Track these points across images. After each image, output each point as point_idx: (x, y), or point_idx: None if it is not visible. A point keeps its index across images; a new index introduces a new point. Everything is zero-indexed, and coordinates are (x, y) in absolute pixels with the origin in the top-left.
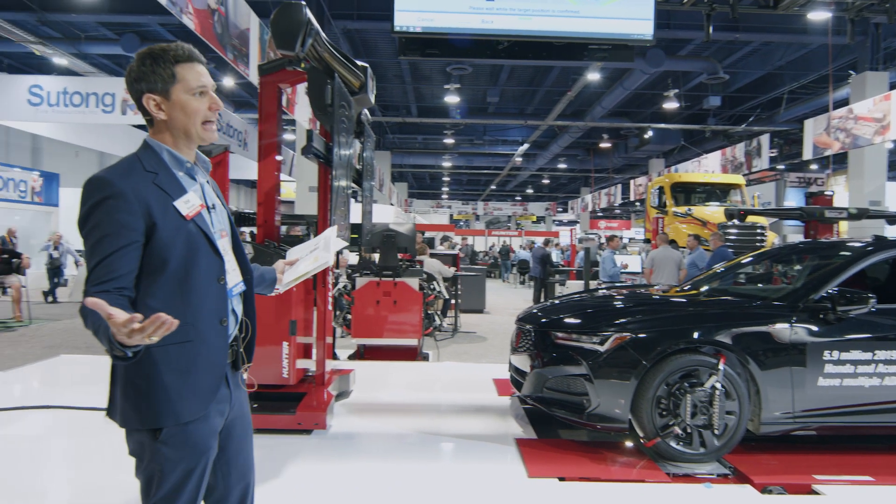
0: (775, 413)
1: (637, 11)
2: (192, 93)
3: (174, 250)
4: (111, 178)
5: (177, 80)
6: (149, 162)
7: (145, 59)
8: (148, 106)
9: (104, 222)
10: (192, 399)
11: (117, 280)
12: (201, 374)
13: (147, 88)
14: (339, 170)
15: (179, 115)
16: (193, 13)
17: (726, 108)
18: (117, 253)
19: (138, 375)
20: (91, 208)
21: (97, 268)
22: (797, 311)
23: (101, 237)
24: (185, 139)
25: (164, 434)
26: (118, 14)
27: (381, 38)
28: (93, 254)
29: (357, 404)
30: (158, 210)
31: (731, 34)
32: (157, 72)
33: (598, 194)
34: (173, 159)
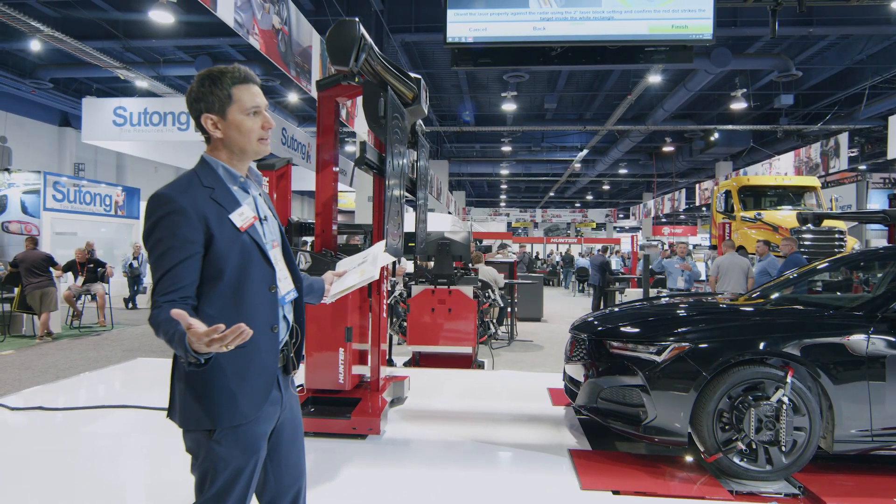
0: (851, 431)
1: (696, 10)
2: (246, 113)
3: (229, 261)
4: (172, 194)
5: (233, 100)
6: (206, 177)
7: (204, 80)
8: (206, 125)
9: (167, 237)
10: (245, 402)
11: (182, 290)
12: (254, 379)
13: (205, 108)
14: (393, 180)
15: (235, 134)
16: (259, 34)
17: (800, 107)
18: (181, 265)
19: (196, 379)
20: (155, 223)
21: (163, 279)
22: (875, 321)
23: (165, 250)
24: (240, 155)
25: (217, 433)
26: (193, 38)
27: (437, 50)
28: (158, 266)
29: (411, 411)
30: (215, 223)
31: (804, 29)
32: (214, 93)
33: (661, 199)
34: (228, 174)
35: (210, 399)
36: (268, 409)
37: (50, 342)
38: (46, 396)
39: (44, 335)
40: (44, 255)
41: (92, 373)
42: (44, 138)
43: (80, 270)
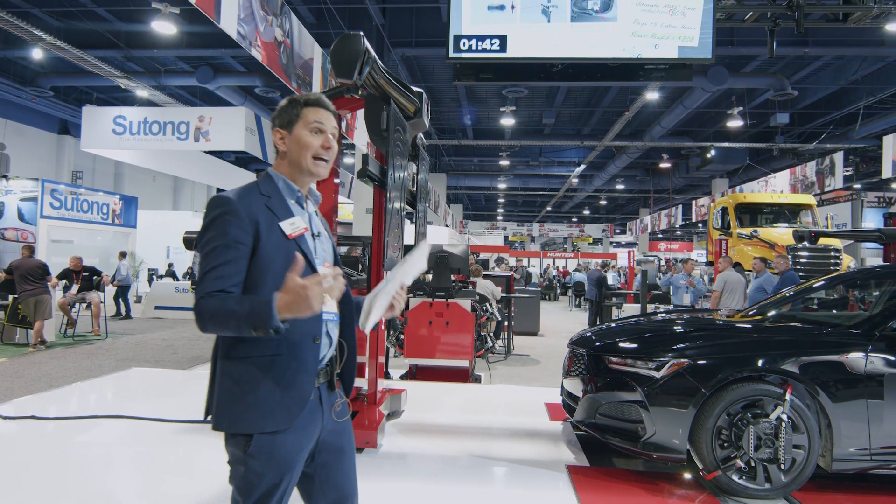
0: (850, 449)
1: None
2: (309, 128)
3: (274, 265)
4: (230, 197)
5: (300, 117)
6: (265, 187)
7: (286, 101)
8: (275, 138)
9: (218, 235)
10: (278, 410)
11: (228, 286)
12: (292, 388)
13: (277, 123)
14: (394, 192)
15: (294, 147)
16: (261, 46)
17: (795, 126)
18: (228, 263)
19: (233, 382)
20: (209, 222)
21: (209, 273)
22: (873, 339)
23: (214, 247)
24: (298, 171)
25: (252, 447)
26: (194, 48)
27: (437, 64)
28: (206, 261)
29: (408, 424)
30: (265, 228)
31: (800, 49)
32: (287, 110)
33: (658, 215)
34: (287, 187)
35: (243, 403)
36: (304, 423)
37: (43, 350)
38: (39, 405)
39: (37, 343)
40: (39, 262)
41: (85, 382)
42: (42, 146)
43: (75, 278)
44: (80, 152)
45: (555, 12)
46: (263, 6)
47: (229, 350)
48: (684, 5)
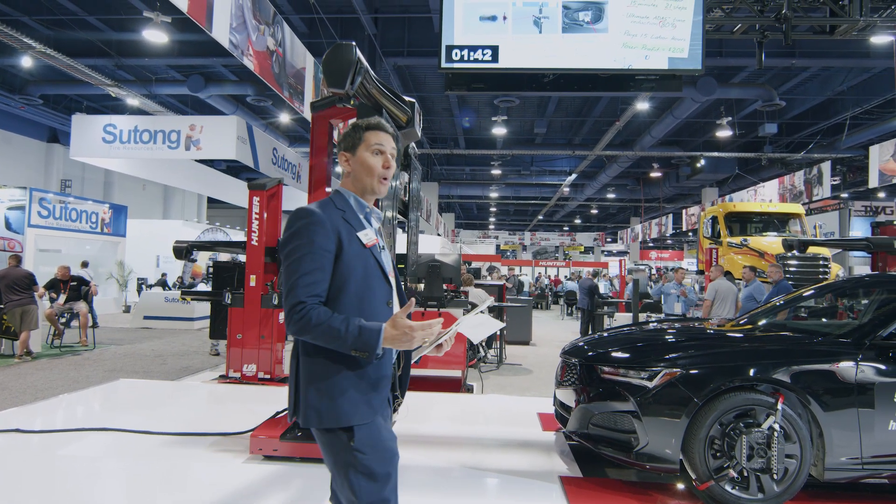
0: (841, 458)
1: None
2: (370, 150)
3: (355, 272)
4: (312, 208)
5: (362, 140)
6: (339, 203)
7: (350, 126)
8: (340, 160)
9: (306, 243)
10: (369, 402)
11: (318, 294)
12: (377, 384)
13: (343, 147)
14: (386, 201)
15: (359, 169)
16: (254, 55)
17: (783, 136)
18: (317, 270)
19: (324, 378)
20: (295, 231)
21: (300, 281)
22: (864, 348)
23: (303, 255)
24: (363, 189)
25: (356, 440)
26: (186, 57)
27: (429, 73)
28: (295, 269)
29: (400, 435)
30: (346, 237)
31: (787, 60)
32: (352, 135)
33: (649, 224)
34: (357, 203)
35: (343, 396)
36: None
37: (29, 362)
38: (24, 418)
39: (23, 354)
40: (25, 272)
41: (72, 394)
42: (31, 154)
43: (63, 288)
44: (70, 161)
45: (546, 23)
46: (256, 15)
47: (321, 349)
48: (674, 17)
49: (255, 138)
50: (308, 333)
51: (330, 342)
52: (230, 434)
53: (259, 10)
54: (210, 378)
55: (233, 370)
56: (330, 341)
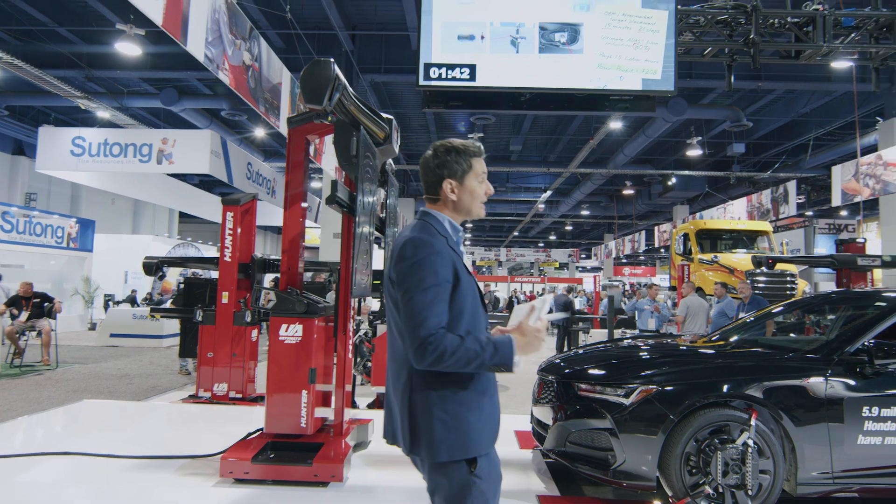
0: (813, 473)
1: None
2: (479, 180)
3: (467, 301)
4: (429, 239)
5: (471, 169)
6: (439, 228)
7: (450, 151)
8: (445, 188)
9: (430, 275)
10: (491, 431)
11: (446, 320)
12: (495, 410)
13: (448, 174)
14: (363, 218)
15: (467, 197)
16: (229, 69)
17: (751, 155)
18: (443, 302)
19: (452, 412)
20: (419, 261)
21: (431, 309)
22: (832, 364)
23: (430, 286)
24: (464, 214)
25: (478, 469)
26: (159, 70)
27: (406, 90)
28: (422, 301)
29: (375, 456)
30: (459, 266)
31: (754, 83)
32: (458, 162)
33: (622, 241)
34: (452, 228)
35: (472, 428)
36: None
37: None
38: None
39: None
40: None
41: (32, 416)
42: None
43: (25, 305)
44: (36, 174)
45: (523, 43)
46: (232, 30)
47: (443, 382)
48: (647, 40)
49: (229, 153)
50: (444, 363)
51: (467, 365)
52: (200, 456)
53: (235, 25)
54: (179, 398)
55: (203, 390)
56: (467, 364)
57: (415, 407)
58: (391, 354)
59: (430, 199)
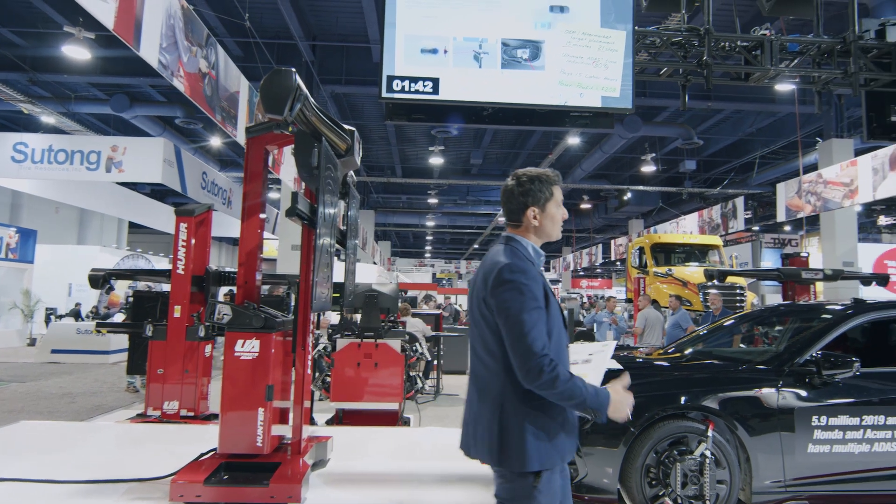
0: (766, 482)
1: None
2: (557, 206)
3: (556, 322)
4: (524, 265)
5: (553, 197)
6: (526, 254)
7: (533, 180)
8: (528, 216)
9: (531, 299)
10: (567, 448)
11: (547, 342)
12: (573, 430)
13: (532, 202)
14: (323, 230)
15: (548, 223)
16: (185, 76)
17: (702, 172)
18: (542, 323)
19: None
20: (518, 286)
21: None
22: (783, 375)
23: (532, 309)
24: (545, 239)
25: (541, 482)
26: (109, 75)
27: (367, 102)
28: (526, 322)
29: (334, 474)
30: (548, 289)
31: (704, 102)
32: (542, 190)
33: (580, 254)
34: (535, 253)
35: (551, 442)
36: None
37: None
38: None
39: None
40: None
41: None
42: None
43: None
44: None
45: (486, 58)
46: (188, 37)
47: (534, 397)
48: (607, 59)
49: (183, 161)
50: (554, 388)
51: (570, 399)
52: (148, 480)
53: (191, 32)
54: (126, 417)
55: (152, 408)
56: (570, 398)
57: (507, 421)
58: (473, 373)
59: (511, 225)
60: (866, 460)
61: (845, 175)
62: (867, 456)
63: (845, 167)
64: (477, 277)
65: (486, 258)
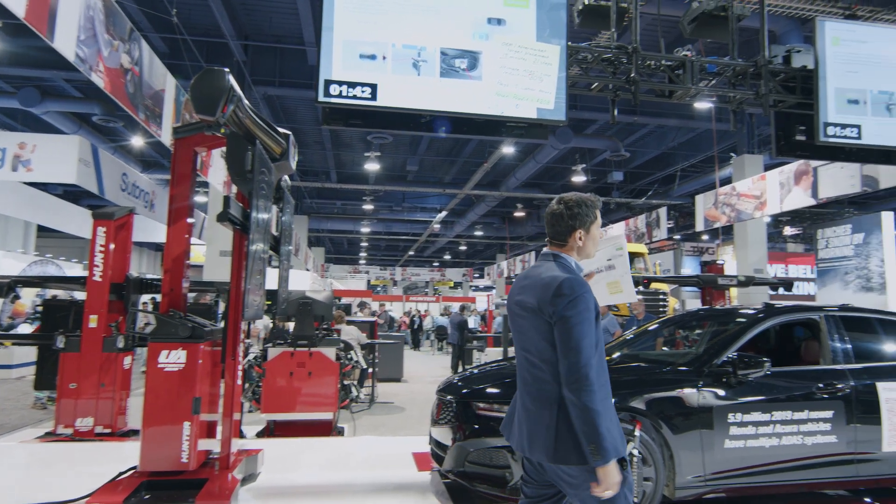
0: (688, 477)
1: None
2: (598, 227)
3: (600, 335)
4: (581, 279)
5: (596, 219)
6: (574, 269)
7: (581, 205)
8: (574, 237)
9: (589, 309)
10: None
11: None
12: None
13: (579, 225)
14: (257, 235)
15: (590, 244)
16: (105, 72)
17: (628, 183)
18: (593, 331)
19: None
20: (577, 299)
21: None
22: (703, 375)
23: (588, 320)
24: (585, 257)
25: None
26: (18, 67)
27: (301, 105)
28: (582, 331)
29: (265, 489)
30: (596, 305)
31: (630, 117)
32: (588, 214)
33: (514, 261)
34: (578, 269)
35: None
36: None
37: None
38: None
39: None
40: None
41: None
42: None
43: None
44: None
45: (424, 66)
46: (109, 30)
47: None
48: (542, 72)
49: (100, 161)
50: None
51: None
52: (61, 503)
53: (113, 25)
54: (34, 436)
55: (63, 426)
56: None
57: (563, 423)
58: (523, 379)
59: (556, 244)
60: (776, 453)
61: (756, 188)
62: (777, 449)
63: (756, 181)
64: (525, 292)
65: (538, 273)
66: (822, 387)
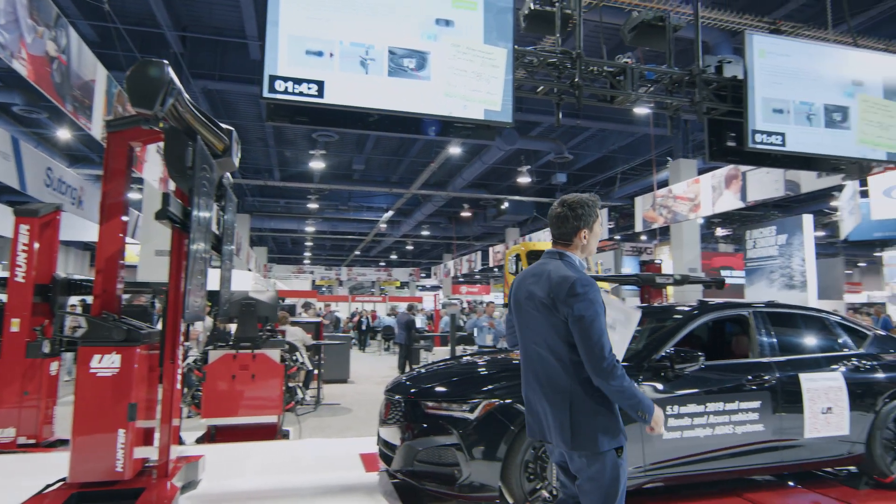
0: (629, 468)
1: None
2: (600, 225)
3: (607, 328)
4: (590, 278)
5: (598, 217)
6: (579, 266)
7: (583, 206)
8: (580, 236)
9: (599, 306)
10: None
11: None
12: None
13: (583, 225)
14: (198, 234)
15: (593, 241)
16: (28, 59)
17: (571, 184)
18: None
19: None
20: (590, 296)
21: (604, 337)
22: (643, 370)
23: (602, 316)
24: (588, 255)
25: (622, 456)
26: None
27: (242, 100)
28: (600, 328)
29: (207, 496)
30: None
31: (573, 120)
32: (591, 215)
33: (460, 261)
34: (581, 266)
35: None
36: None
37: None
38: None
39: None
40: None
41: None
42: None
43: None
44: None
45: (372, 65)
46: (32, 15)
47: (594, 392)
48: (489, 74)
49: (22, 155)
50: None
51: (629, 398)
52: None
53: (37, 10)
54: None
55: None
56: (630, 397)
57: (577, 411)
58: (534, 372)
59: (561, 243)
60: (710, 442)
61: (690, 191)
62: (710, 439)
63: (691, 184)
64: (534, 289)
65: (547, 271)
66: (750, 378)
